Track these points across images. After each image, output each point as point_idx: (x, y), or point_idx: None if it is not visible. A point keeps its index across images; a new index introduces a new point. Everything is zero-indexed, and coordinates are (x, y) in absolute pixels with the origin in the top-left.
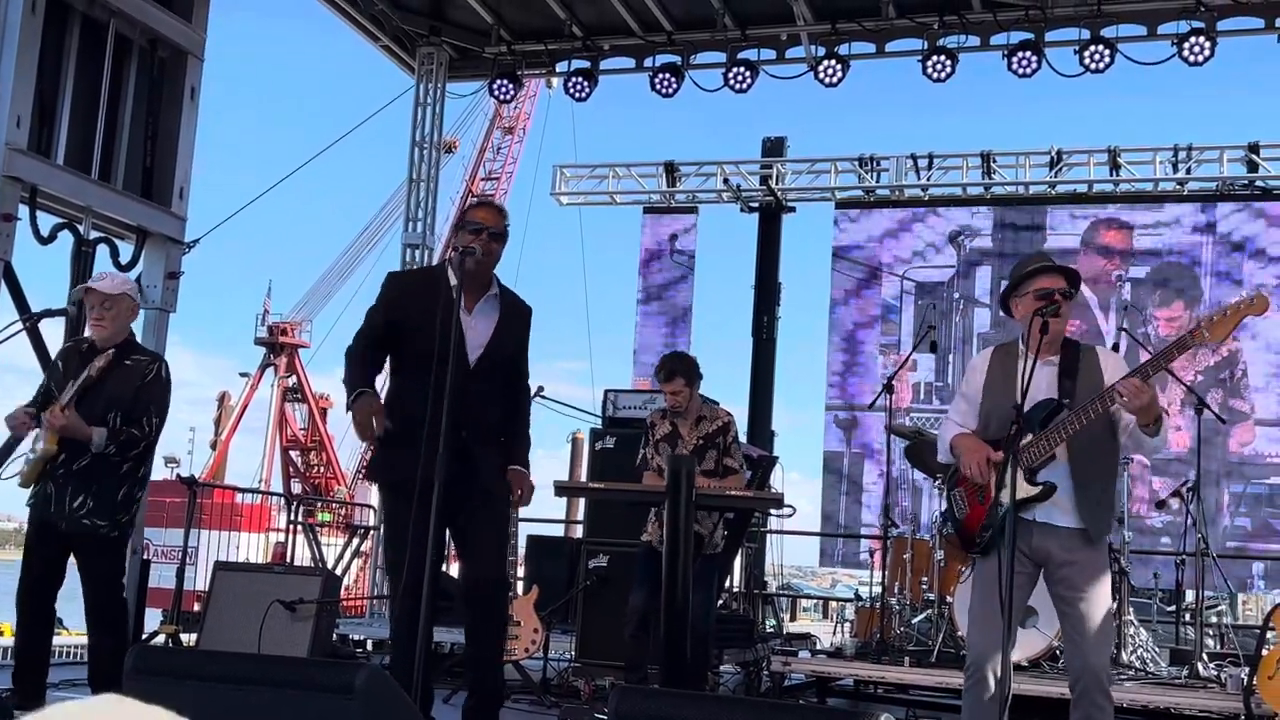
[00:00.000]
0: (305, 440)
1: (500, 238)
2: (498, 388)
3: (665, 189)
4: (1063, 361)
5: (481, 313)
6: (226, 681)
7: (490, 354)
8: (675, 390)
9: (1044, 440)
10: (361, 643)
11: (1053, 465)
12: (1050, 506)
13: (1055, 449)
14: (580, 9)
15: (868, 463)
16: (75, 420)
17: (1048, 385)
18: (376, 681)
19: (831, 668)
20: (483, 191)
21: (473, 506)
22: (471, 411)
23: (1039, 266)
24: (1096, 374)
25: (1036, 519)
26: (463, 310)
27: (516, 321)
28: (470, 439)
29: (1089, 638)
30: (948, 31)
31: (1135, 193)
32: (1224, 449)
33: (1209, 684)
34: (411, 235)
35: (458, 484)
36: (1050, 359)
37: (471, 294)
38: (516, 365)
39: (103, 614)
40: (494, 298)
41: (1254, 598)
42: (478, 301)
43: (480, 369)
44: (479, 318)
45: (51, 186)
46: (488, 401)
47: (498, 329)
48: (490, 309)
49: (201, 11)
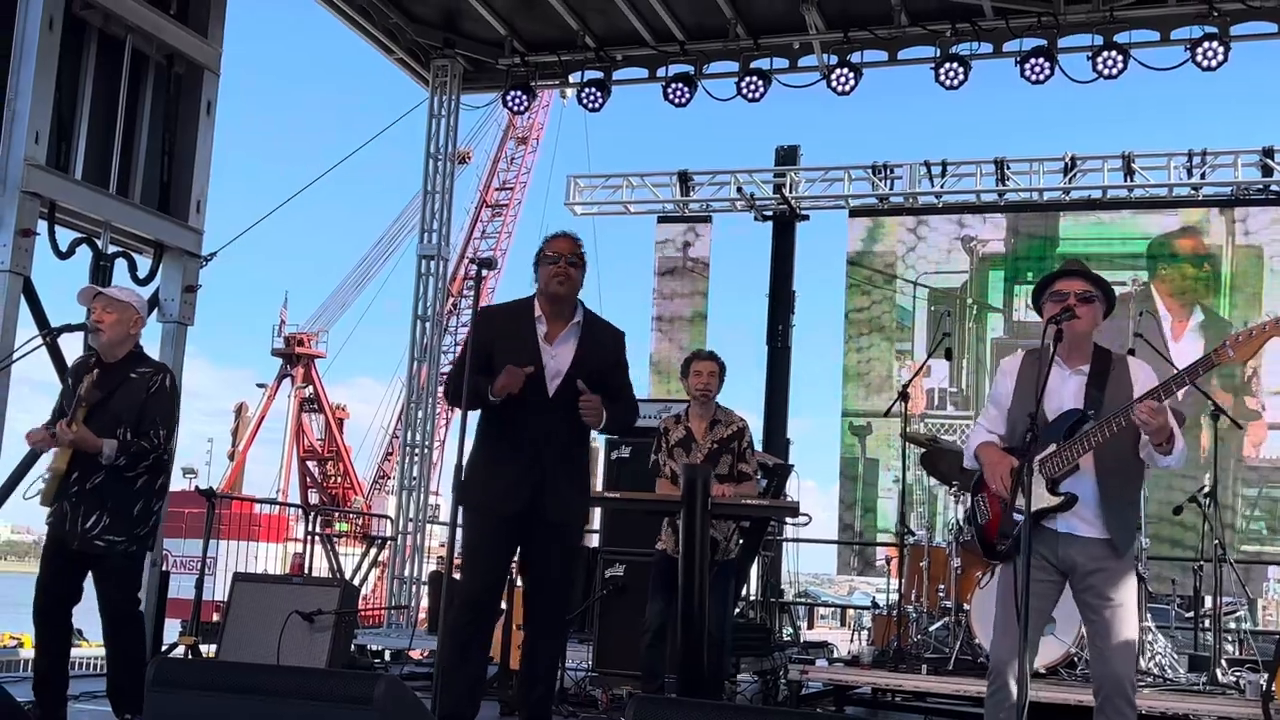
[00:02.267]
0: (322, 450)
1: (578, 264)
2: (580, 417)
3: (679, 198)
4: (1093, 371)
5: (563, 342)
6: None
7: (569, 384)
8: (711, 370)
9: (1068, 451)
10: (380, 653)
11: (1077, 476)
12: (1072, 517)
13: (1079, 460)
14: (593, 20)
15: (883, 470)
16: (84, 433)
17: (1074, 395)
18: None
19: (849, 676)
20: (496, 201)
21: (545, 538)
22: (552, 443)
23: (1062, 270)
24: (1126, 385)
25: (1059, 529)
26: (543, 341)
27: (599, 349)
28: (548, 469)
29: (1115, 646)
30: (960, 39)
31: (1150, 198)
32: (1238, 452)
33: (1228, 690)
34: (426, 246)
35: (532, 512)
36: (1081, 367)
37: (555, 324)
38: (606, 388)
39: (120, 628)
40: (576, 326)
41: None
42: (561, 331)
43: (560, 399)
44: (560, 346)
45: (70, 201)
46: (571, 433)
47: (577, 358)
48: (571, 337)
49: (217, 27)
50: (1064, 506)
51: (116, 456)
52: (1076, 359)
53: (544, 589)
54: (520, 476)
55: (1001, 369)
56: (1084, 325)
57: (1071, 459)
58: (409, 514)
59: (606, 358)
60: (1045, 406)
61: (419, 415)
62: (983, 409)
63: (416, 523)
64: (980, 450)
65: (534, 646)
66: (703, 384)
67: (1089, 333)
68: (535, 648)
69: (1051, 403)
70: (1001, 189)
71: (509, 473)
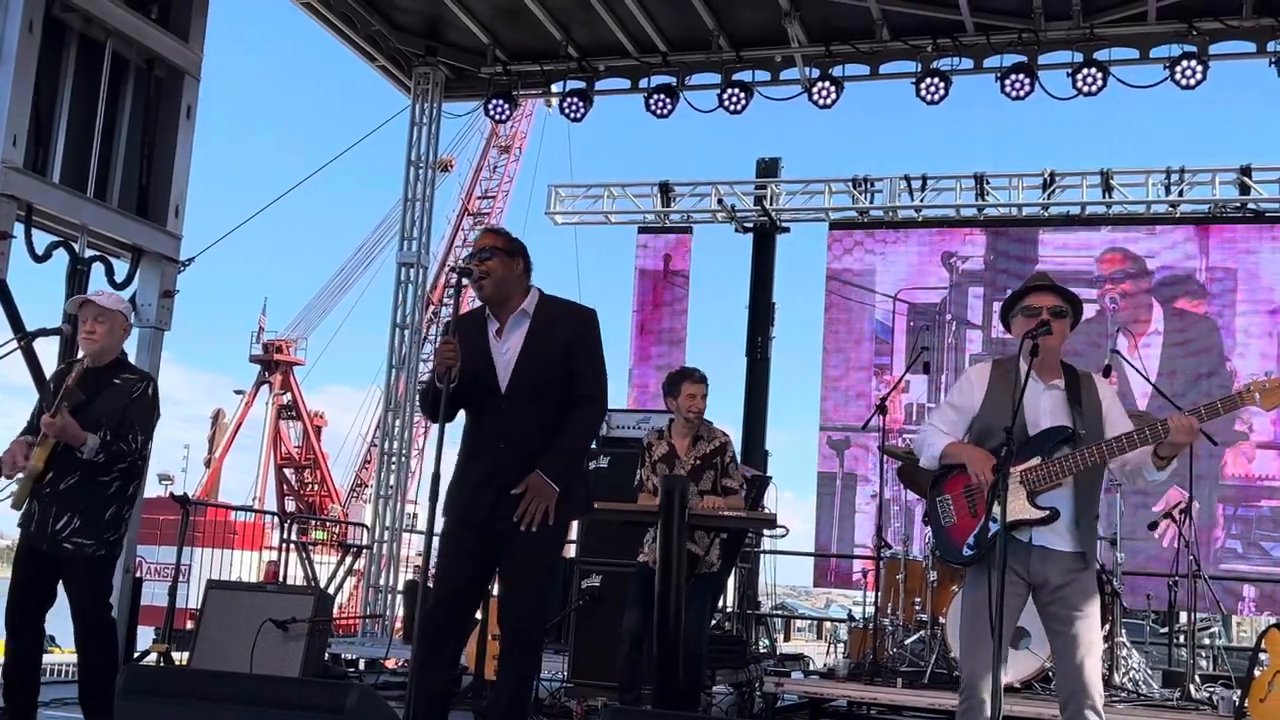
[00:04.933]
0: (299, 458)
1: (496, 253)
2: (547, 410)
3: (660, 209)
4: (1068, 386)
5: (510, 333)
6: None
7: (520, 376)
8: (703, 394)
9: (1053, 467)
10: (354, 662)
11: (1055, 490)
12: (1046, 531)
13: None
14: (576, 30)
15: (860, 483)
16: (69, 422)
17: (1053, 410)
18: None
19: (824, 689)
20: (479, 210)
21: (512, 546)
22: (509, 442)
23: (1033, 285)
24: (1096, 404)
25: (1033, 542)
26: (494, 338)
27: (550, 335)
28: (509, 472)
29: (1084, 658)
30: (941, 54)
31: (1128, 215)
32: (1217, 471)
33: (1201, 706)
34: (406, 254)
35: (499, 519)
36: (1055, 382)
37: (502, 317)
38: (571, 379)
39: (91, 633)
40: (522, 314)
41: (1248, 620)
42: (506, 324)
43: (515, 393)
44: (509, 339)
45: (47, 205)
46: (528, 428)
47: (525, 346)
48: (518, 326)
49: (198, 31)
50: (1047, 521)
51: (97, 453)
52: (1048, 373)
53: (513, 599)
54: (482, 482)
55: (968, 376)
56: (1056, 340)
57: (1056, 477)
58: (385, 522)
59: (560, 338)
60: (1024, 419)
61: (396, 424)
62: (937, 410)
63: (393, 531)
64: (953, 449)
65: (504, 659)
66: (695, 407)
67: (1059, 347)
68: (504, 660)
69: (1028, 416)
70: (981, 204)
71: (471, 479)
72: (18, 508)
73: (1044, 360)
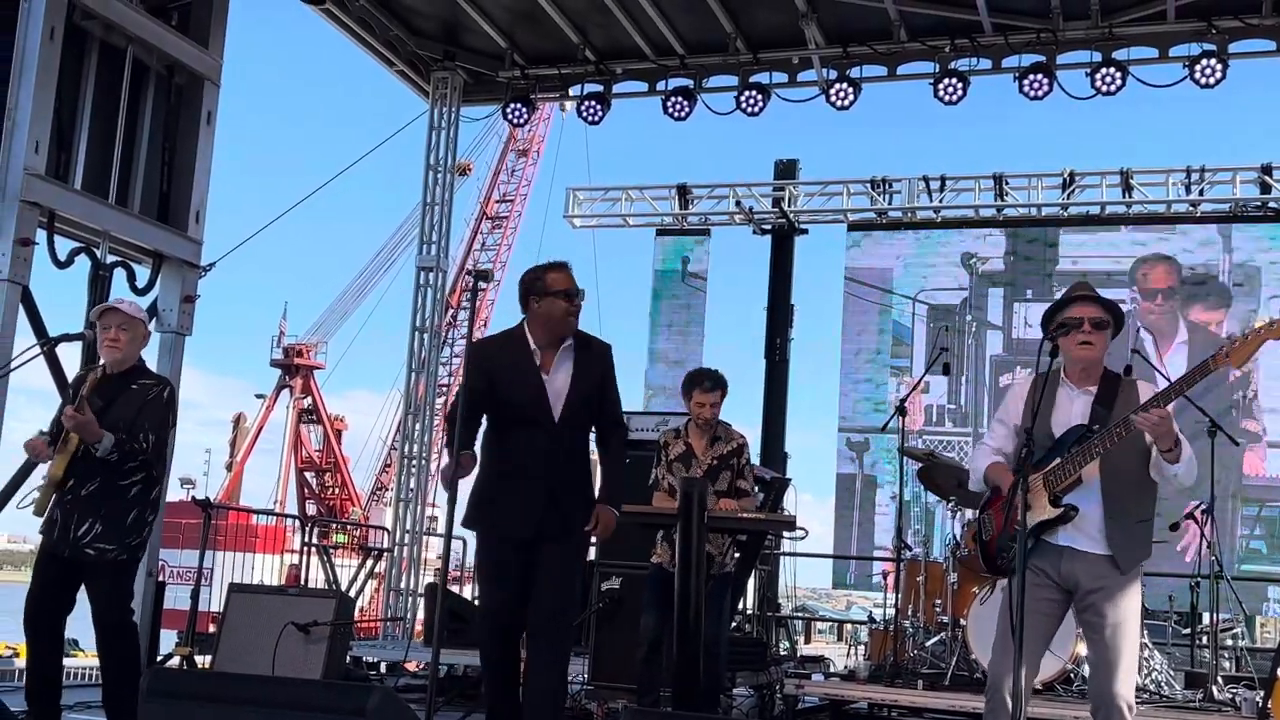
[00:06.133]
0: (320, 461)
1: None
2: (582, 435)
3: (678, 211)
4: (1100, 391)
5: (559, 366)
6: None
7: (571, 405)
8: (714, 402)
9: (1070, 463)
10: (375, 665)
11: (1082, 490)
12: (1074, 531)
13: (1081, 472)
14: (593, 33)
15: (880, 485)
16: (89, 418)
17: (1082, 415)
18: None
19: (845, 691)
20: (497, 213)
21: (551, 556)
22: (558, 465)
23: (1075, 295)
24: (1135, 405)
25: (1059, 543)
26: (541, 369)
27: (591, 366)
28: (560, 491)
29: (1114, 666)
30: (959, 54)
31: (1148, 214)
32: (1237, 471)
33: (1224, 708)
34: (425, 258)
35: (543, 535)
36: (1089, 389)
37: (549, 351)
38: (601, 407)
39: (113, 637)
40: (569, 349)
41: (1272, 620)
42: (555, 356)
43: (566, 423)
44: (558, 372)
45: (69, 211)
46: (575, 451)
47: (574, 380)
48: (566, 360)
49: (218, 38)
50: (1063, 519)
51: (111, 450)
52: (1085, 381)
53: (546, 606)
54: (531, 500)
55: (1011, 390)
56: (1096, 353)
57: (1073, 470)
58: (406, 526)
59: (598, 371)
60: (1053, 424)
61: (416, 427)
62: (988, 428)
63: (413, 534)
64: (991, 471)
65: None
66: (704, 415)
67: (1100, 359)
68: (538, 648)
69: (1058, 420)
70: (1000, 204)
71: (519, 497)
72: (39, 514)
73: (1085, 370)
